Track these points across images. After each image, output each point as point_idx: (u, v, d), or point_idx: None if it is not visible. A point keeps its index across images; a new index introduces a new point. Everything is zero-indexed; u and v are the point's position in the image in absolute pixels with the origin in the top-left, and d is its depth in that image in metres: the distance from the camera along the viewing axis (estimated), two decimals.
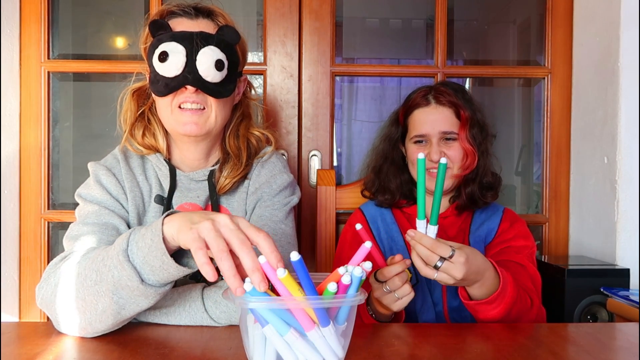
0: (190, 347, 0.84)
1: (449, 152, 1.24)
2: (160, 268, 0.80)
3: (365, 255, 0.72)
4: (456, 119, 1.26)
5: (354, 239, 1.32)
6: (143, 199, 1.14)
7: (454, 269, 0.95)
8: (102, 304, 0.85)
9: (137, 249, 0.82)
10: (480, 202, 1.29)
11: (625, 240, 1.51)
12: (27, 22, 1.69)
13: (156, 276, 0.81)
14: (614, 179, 1.53)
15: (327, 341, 0.68)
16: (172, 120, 1.10)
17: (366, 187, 1.40)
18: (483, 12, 2.03)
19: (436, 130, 1.25)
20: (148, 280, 0.82)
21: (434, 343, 0.88)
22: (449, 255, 0.95)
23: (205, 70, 1.03)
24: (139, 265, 0.81)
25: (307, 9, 1.72)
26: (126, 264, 0.81)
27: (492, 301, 1.02)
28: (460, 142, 1.25)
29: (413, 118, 1.30)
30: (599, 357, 0.81)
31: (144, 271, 0.81)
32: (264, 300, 0.66)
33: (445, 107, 1.26)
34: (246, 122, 1.22)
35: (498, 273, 1.03)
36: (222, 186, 1.15)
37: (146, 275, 0.82)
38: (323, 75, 1.73)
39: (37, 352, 0.81)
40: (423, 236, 0.96)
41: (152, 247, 0.80)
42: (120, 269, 0.82)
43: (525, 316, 1.11)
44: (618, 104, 1.51)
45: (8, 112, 1.66)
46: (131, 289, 0.82)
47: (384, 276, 1.02)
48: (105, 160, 1.16)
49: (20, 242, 1.70)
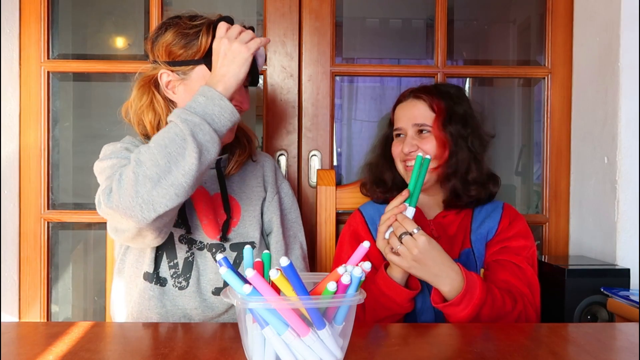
0: (190, 347, 0.84)
1: (423, 146, 1.25)
2: (220, 114, 1.01)
3: (363, 255, 0.72)
4: (431, 112, 1.27)
5: (353, 240, 1.32)
6: None
7: (414, 243, 1.06)
8: (187, 149, 0.96)
9: (195, 107, 1.00)
10: (465, 196, 1.26)
11: (625, 240, 1.51)
12: (27, 22, 1.69)
13: (219, 119, 1.00)
14: (614, 179, 1.52)
15: (325, 344, 0.68)
16: None
17: (363, 184, 1.43)
18: (483, 12, 2.03)
19: (409, 123, 1.28)
20: (213, 124, 1.00)
21: (434, 343, 0.88)
22: (412, 232, 1.07)
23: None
24: (201, 114, 0.99)
25: (307, 9, 1.72)
26: (192, 117, 0.99)
27: (459, 302, 1.06)
28: (434, 133, 1.25)
29: (395, 114, 1.35)
30: (599, 357, 0.81)
31: (209, 118, 0.99)
32: (263, 301, 0.66)
33: (419, 100, 1.29)
34: None
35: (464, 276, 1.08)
36: (230, 169, 1.28)
37: (211, 120, 0.99)
38: (323, 75, 1.73)
39: (37, 352, 0.82)
40: (397, 209, 1.10)
41: (208, 102, 1.01)
42: (189, 123, 0.98)
43: (504, 319, 1.11)
44: (618, 104, 1.51)
45: (8, 112, 1.66)
46: (204, 132, 0.98)
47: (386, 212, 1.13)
48: (123, 142, 1.22)
49: (20, 242, 1.70)
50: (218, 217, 1.26)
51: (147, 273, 1.21)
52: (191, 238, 1.23)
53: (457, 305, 1.06)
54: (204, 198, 1.26)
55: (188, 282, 1.21)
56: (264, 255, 0.78)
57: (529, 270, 1.21)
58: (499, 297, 1.11)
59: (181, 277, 1.21)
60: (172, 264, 1.21)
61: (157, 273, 1.21)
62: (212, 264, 1.22)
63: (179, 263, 1.22)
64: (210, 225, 1.24)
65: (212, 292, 1.22)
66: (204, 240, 1.23)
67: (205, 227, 1.24)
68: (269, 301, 0.66)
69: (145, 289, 1.20)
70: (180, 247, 1.22)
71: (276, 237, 1.31)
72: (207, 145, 0.98)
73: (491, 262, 1.23)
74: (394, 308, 1.14)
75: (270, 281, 0.67)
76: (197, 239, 1.23)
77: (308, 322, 0.68)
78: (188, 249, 1.22)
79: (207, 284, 1.21)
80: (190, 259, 1.22)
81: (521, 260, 1.21)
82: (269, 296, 0.66)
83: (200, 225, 1.24)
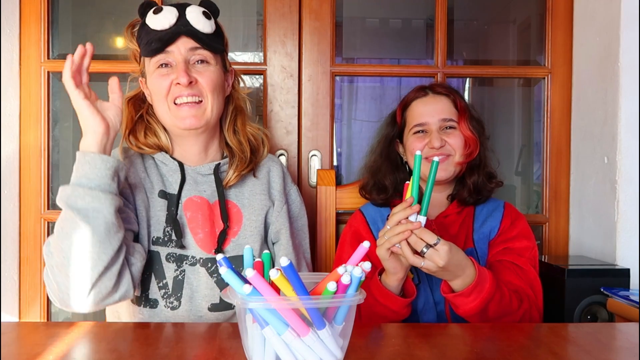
0: (190, 347, 0.84)
1: (450, 140, 1.26)
2: (91, 170, 1.00)
3: (363, 255, 0.72)
4: (454, 108, 1.28)
5: (354, 240, 1.32)
6: (147, 195, 1.18)
7: (438, 256, 1.01)
8: (75, 221, 0.97)
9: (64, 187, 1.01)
10: (485, 191, 1.29)
11: (625, 240, 1.51)
12: (27, 22, 1.69)
13: (90, 175, 1.00)
14: (614, 179, 1.52)
15: (325, 344, 0.68)
16: (170, 117, 1.16)
17: (362, 187, 1.41)
18: (483, 12, 2.03)
19: (436, 118, 1.27)
20: (89, 182, 0.99)
21: (434, 343, 0.88)
22: (434, 243, 1.01)
23: (194, 18, 1.12)
24: (73, 182, 1.00)
25: (307, 9, 1.72)
26: (64, 190, 0.99)
27: (469, 293, 1.06)
28: (461, 130, 1.27)
29: (412, 110, 1.32)
30: (599, 357, 0.81)
31: (79, 181, 1.00)
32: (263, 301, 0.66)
33: (442, 95, 1.30)
34: (241, 117, 1.27)
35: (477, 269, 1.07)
36: (229, 180, 1.21)
37: (84, 181, 0.99)
38: (323, 75, 1.73)
39: (37, 352, 0.81)
40: (412, 223, 1.03)
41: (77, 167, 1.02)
42: (64, 197, 0.99)
43: (509, 317, 1.12)
44: (618, 104, 1.51)
45: (8, 112, 1.66)
46: (81, 197, 0.98)
47: (392, 214, 1.06)
48: None
49: (20, 242, 1.69)
50: (217, 228, 1.19)
51: (135, 297, 1.15)
52: (180, 255, 1.16)
53: (467, 296, 1.06)
54: (201, 208, 1.19)
55: (180, 302, 1.14)
56: (264, 255, 0.78)
57: (532, 272, 1.22)
58: (507, 295, 1.12)
59: (172, 297, 1.14)
60: (161, 285, 1.15)
61: (146, 295, 1.15)
62: (206, 280, 1.15)
63: (168, 283, 1.15)
64: (207, 238, 1.17)
65: (209, 308, 1.16)
66: (197, 254, 1.16)
67: (199, 241, 1.17)
68: (269, 301, 0.66)
69: (134, 312, 1.16)
70: (167, 266, 1.15)
71: (285, 250, 1.24)
72: (91, 206, 0.98)
73: (494, 262, 1.24)
74: (391, 316, 1.13)
75: (270, 281, 0.67)
76: (188, 254, 1.16)
77: (308, 322, 0.68)
78: (177, 267, 1.15)
79: (201, 301, 1.15)
80: (180, 277, 1.15)
81: (525, 262, 1.22)
82: (269, 296, 0.66)
83: (193, 240, 1.17)
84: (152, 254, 1.15)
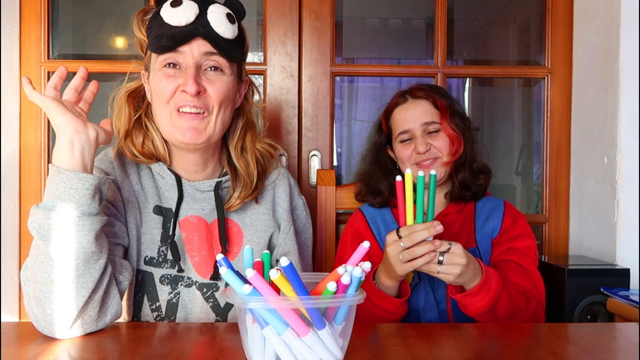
0: (190, 347, 0.84)
1: (435, 143, 1.26)
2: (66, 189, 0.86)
3: (363, 255, 0.72)
4: (435, 110, 1.28)
5: (355, 240, 1.32)
6: (140, 210, 1.08)
7: (457, 256, 1.00)
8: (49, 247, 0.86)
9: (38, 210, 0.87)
10: (474, 186, 1.29)
11: (625, 240, 1.51)
12: (27, 22, 1.69)
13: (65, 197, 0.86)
14: (614, 179, 1.52)
15: (325, 344, 0.68)
16: (169, 126, 1.03)
17: (357, 194, 1.42)
18: (483, 12, 2.04)
19: (418, 123, 1.28)
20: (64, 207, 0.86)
21: (434, 343, 0.88)
22: (447, 248, 1.00)
23: (216, 19, 0.99)
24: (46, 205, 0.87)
25: (307, 9, 1.72)
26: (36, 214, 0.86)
27: (477, 292, 1.05)
28: (444, 130, 1.27)
29: (394, 118, 1.33)
30: (599, 357, 0.81)
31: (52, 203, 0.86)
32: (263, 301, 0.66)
33: (422, 99, 1.30)
34: (251, 134, 1.15)
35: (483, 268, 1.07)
36: (232, 205, 1.10)
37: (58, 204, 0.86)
38: (323, 75, 1.73)
39: (37, 352, 0.81)
40: (433, 243, 1.01)
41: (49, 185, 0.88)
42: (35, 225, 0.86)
43: (518, 316, 1.12)
44: (618, 104, 1.51)
45: (8, 112, 1.66)
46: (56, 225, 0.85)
47: (409, 230, 1.01)
48: (100, 162, 1.09)
49: (20, 242, 1.69)
50: (216, 249, 1.10)
51: (126, 320, 1.09)
52: (176, 276, 1.08)
53: (476, 295, 1.06)
54: (198, 229, 1.10)
55: None
56: (264, 255, 0.78)
57: (536, 273, 1.22)
58: (514, 294, 1.12)
59: (165, 321, 1.08)
60: (154, 307, 1.08)
61: (138, 318, 1.08)
62: (201, 304, 1.08)
63: (162, 306, 1.08)
64: (203, 262, 1.09)
65: None
66: (193, 277, 1.09)
67: (195, 264, 1.08)
68: (269, 301, 0.66)
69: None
70: (161, 288, 1.07)
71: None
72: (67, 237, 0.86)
73: (498, 262, 1.24)
74: (388, 316, 1.13)
75: (270, 281, 0.67)
76: (184, 275, 1.08)
77: (308, 322, 0.68)
78: (172, 289, 1.08)
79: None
80: (175, 300, 1.08)
81: (529, 263, 1.23)
82: (269, 296, 0.66)
83: (189, 262, 1.08)
84: (144, 274, 1.07)
